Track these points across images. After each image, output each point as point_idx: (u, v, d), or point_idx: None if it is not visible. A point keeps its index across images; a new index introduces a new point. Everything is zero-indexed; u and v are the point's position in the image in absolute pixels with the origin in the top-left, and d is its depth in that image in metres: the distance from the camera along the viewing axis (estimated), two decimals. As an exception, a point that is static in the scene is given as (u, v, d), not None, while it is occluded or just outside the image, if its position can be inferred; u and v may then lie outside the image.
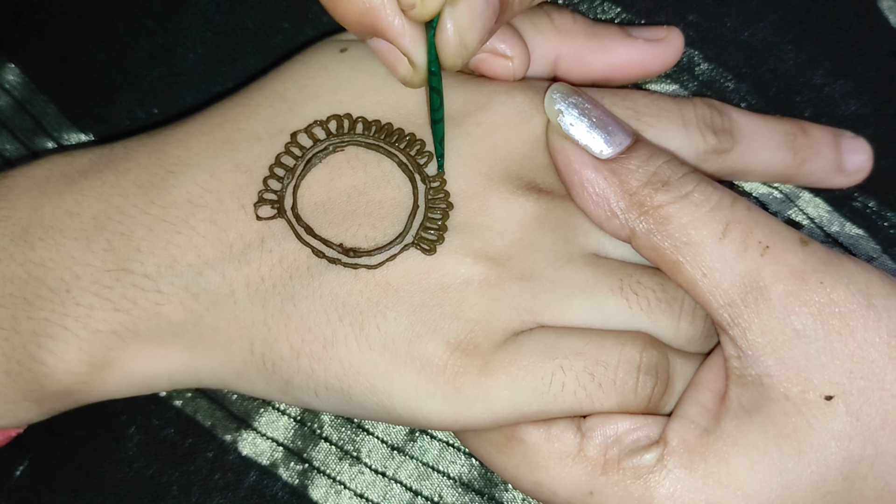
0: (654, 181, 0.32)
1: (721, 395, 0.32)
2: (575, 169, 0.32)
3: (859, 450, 0.30)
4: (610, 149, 0.32)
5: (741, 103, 0.37)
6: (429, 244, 0.32)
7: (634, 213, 0.32)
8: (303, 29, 0.39)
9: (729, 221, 0.31)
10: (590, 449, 0.32)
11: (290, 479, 0.37)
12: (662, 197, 0.32)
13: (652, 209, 0.32)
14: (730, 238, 0.31)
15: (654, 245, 0.32)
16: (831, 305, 0.30)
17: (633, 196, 0.32)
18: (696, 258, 0.31)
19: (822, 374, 0.30)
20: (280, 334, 0.32)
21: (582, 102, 0.33)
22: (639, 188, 0.32)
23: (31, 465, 0.37)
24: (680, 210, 0.32)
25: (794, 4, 0.37)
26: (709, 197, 0.32)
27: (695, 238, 0.31)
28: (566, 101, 0.33)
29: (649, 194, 0.32)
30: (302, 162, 0.33)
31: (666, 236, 0.32)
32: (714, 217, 0.31)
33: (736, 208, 0.32)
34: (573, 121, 0.33)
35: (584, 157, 0.32)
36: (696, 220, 0.31)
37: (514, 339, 0.32)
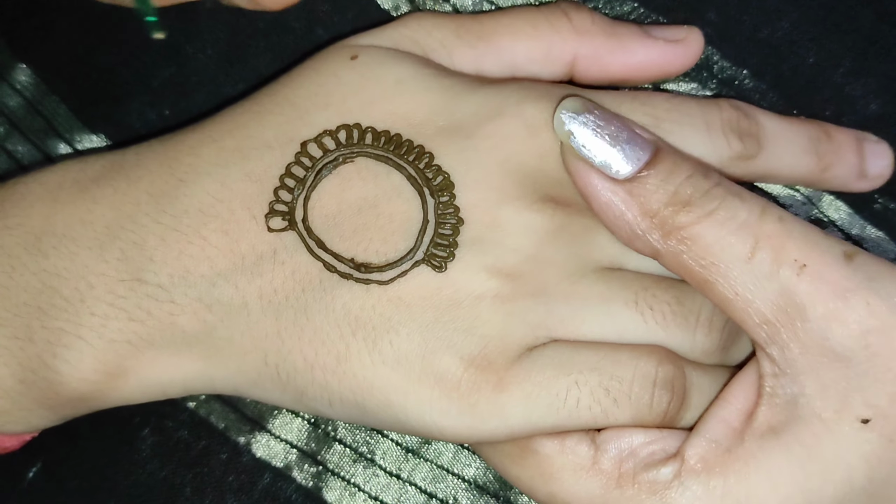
0: (676, 201, 0.31)
1: (748, 413, 0.31)
2: (592, 192, 0.31)
3: (887, 470, 0.30)
4: (627, 167, 0.31)
5: (761, 102, 0.37)
6: (439, 261, 0.32)
7: (657, 234, 0.31)
8: (313, 29, 0.38)
9: (758, 238, 0.30)
10: (604, 462, 0.31)
11: (304, 482, 0.37)
12: (685, 217, 0.31)
13: (675, 230, 0.31)
14: (759, 257, 0.30)
15: (681, 264, 0.31)
16: (877, 328, 0.29)
17: (654, 217, 0.31)
18: (726, 279, 0.30)
19: (862, 396, 0.29)
20: (294, 347, 0.32)
21: (593, 120, 0.32)
22: (659, 209, 0.31)
23: (43, 467, 0.38)
24: (704, 230, 0.30)
25: (815, 2, 0.37)
26: (735, 214, 0.30)
27: (722, 259, 0.30)
28: (577, 119, 0.32)
29: (671, 215, 0.31)
30: (312, 173, 0.33)
31: (692, 257, 0.31)
32: (741, 235, 0.30)
33: (765, 222, 0.30)
34: (585, 141, 0.31)
35: (601, 179, 0.31)
36: (722, 241, 0.30)
37: (529, 355, 0.32)
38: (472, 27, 0.36)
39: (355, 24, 0.38)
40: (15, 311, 0.33)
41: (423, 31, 0.35)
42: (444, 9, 0.38)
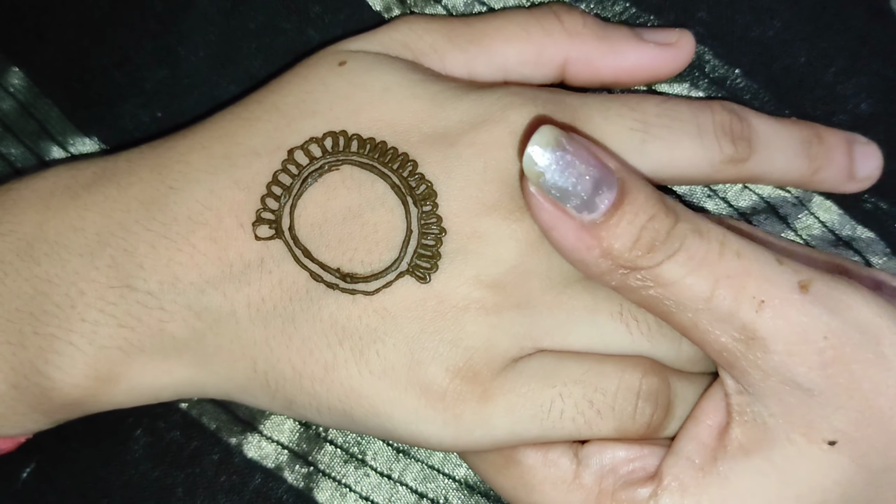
0: (639, 246, 0.30)
1: (720, 429, 0.31)
2: (555, 231, 0.31)
3: (859, 492, 0.30)
4: (592, 214, 0.30)
5: (752, 102, 0.37)
6: (423, 272, 0.32)
7: (618, 274, 0.31)
8: (304, 30, 0.38)
9: (717, 277, 0.30)
10: (585, 477, 0.32)
11: (295, 482, 0.37)
12: (646, 261, 0.30)
13: (636, 270, 0.30)
14: (720, 297, 0.30)
15: (641, 299, 0.31)
16: (836, 361, 0.29)
17: (617, 259, 0.30)
18: (687, 315, 0.30)
19: (827, 422, 0.30)
20: (282, 355, 0.32)
21: (561, 158, 0.30)
22: (621, 252, 0.30)
23: (37, 468, 0.38)
24: (666, 272, 0.30)
25: (807, 1, 0.37)
26: (694, 254, 0.30)
27: (682, 298, 0.30)
28: (545, 157, 0.30)
29: (633, 259, 0.30)
30: (298, 181, 0.33)
31: (654, 294, 0.30)
32: (701, 275, 0.30)
33: (724, 259, 0.30)
34: (554, 179, 0.30)
35: (564, 220, 0.30)
36: (683, 280, 0.30)
37: (514, 366, 0.32)
38: (462, 31, 0.36)
39: (347, 25, 0.38)
40: (7, 316, 0.33)
41: (413, 35, 0.35)
42: (435, 10, 0.38)
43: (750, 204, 0.37)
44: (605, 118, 0.33)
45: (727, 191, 0.37)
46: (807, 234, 0.37)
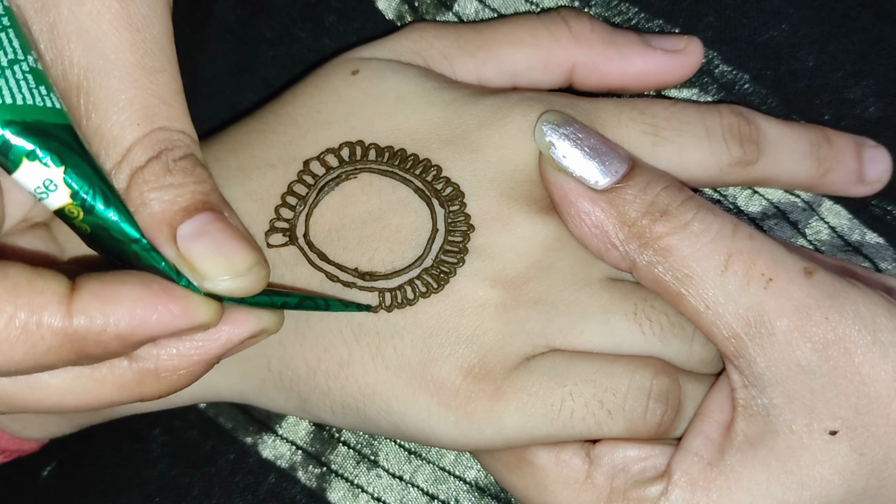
0: (653, 211, 0.31)
1: (726, 425, 0.32)
2: (571, 201, 0.32)
3: (862, 483, 0.30)
4: (606, 179, 0.32)
5: (761, 106, 0.37)
6: (449, 267, 0.32)
7: (634, 245, 0.32)
8: (319, 38, 0.39)
9: (731, 252, 0.31)
10: (597, 476, 0.32)
11: (308, 483, 0.37)
12: (661, 227, 0.31)
13: (652, 240, 0.31)
14: (732, 270, 0.31)
15: (655, 277, 0.32)
16: (836, 342, 0.30)
17: (632, 227, 0.31)
18: (699, 291, 0.31)
19: (827, 408, 0.30)
20: (296, 353, 0.33)
21: (574, 132, 0.32)
22: (637, 219, 0.31)
23: (58, 466, 0.39)
24: (680, 241, 0.31)
25: (814, 4, 0.37)
26: (709, 226, 0.31)
27: (696, 270, 0.31)
28: (558, 132, 0.32)
29: (648, 225, 0.31)
30: (314, 190, 0.33)
31: (667, 268, 0.31)
32: (715, 248, 0.31)
33: (737, 237, 0.31)
34: (566, 152, 0.32)
35: (579, 189, 0.32)
36: (697, 252, 0.31)
37: (526, 365, 0.32)
38: (472, 37, 0.36)
39: (361, 34, 0.39)
40: None
41: (424, 42, 0.36)
42: (446, 17, 0.38)
43: (760, 209, 0.37)
44: (617, 122, 0.34)
45: (737, 196, 0.37)
46: (816, 240, 0.37)
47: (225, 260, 0.27)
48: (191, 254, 0.26)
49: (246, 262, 0.27)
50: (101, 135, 0.27)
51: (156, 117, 0.27)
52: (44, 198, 0.26)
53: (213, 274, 0.27)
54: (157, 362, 0.28)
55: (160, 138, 0.27)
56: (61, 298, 0.25)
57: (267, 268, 0.28)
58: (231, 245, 0.27)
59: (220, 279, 0.27)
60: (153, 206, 0.26)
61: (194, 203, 0.27)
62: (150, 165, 0.27)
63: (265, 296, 0.29)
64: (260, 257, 0.27)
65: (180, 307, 0.26)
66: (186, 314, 0.26)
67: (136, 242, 0.27)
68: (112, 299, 0.26)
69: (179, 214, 0.27)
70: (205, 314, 0.27)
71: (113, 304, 0.26)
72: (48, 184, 0.26)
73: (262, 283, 0.27)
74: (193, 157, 0.28)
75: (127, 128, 0.27)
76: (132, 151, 0.27)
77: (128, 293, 0.26)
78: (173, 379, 0.28)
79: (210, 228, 0.27)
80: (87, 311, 0.25)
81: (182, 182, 0.27)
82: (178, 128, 0.28)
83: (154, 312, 0.26)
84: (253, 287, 0.27)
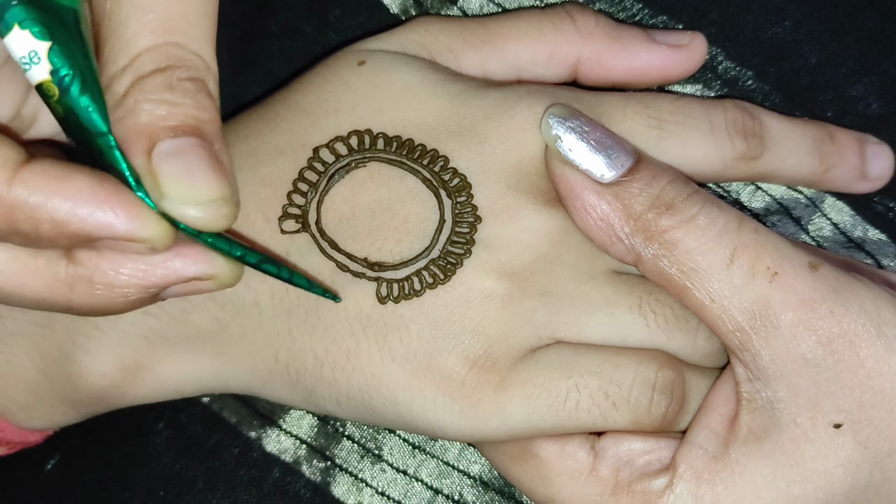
0: (659, 204, 0.32)
1: (731, 418, 0.32)
2: (577, 194, 0.32)
3: (866, 476, 0.30)
4: (612, 172, 0.32)
5: (764, 102, 0.37)
6: (456, 258, 0.33)
7: (640, 238, 0.32)
8: (325, 32, 0.39)
9: (736, 246, 0.31)
10: (602, 469, 0.32)
11: (312, 477, 0.37)
12: (667, 221, 0.31)
13: (657, 234, 0.31)
14: (737, 264, 0.31)
15: (660, 270, 0.32)
16: (841, 335, 0.30)
17: (638, 220, 0.32)
18: (704, 284, 0.31)
19: (832, 402, 0.30)
20: (304, 344, 0.33)
21: (580, 125, 0.32)
22: (643, 212, 0.32)
23: (62, 459, 0.39)
24: (686, 235, 0.31)
25: (817, 2, 0.37)
26: (714, 220, 0.31)
27: (702, 264, 0.31)
28: (564, 125, 0.32)
29: (654, 218, 0.32)
30: (325, 177, 0.33)
31: (672, 262, 0.31)
32: (721, 242, 0.31)
33: (743, 231, 0.31)
34: (572, 145, 0.32)
35: (585, 182, 0.32)
36: (703, 246, 0.31)
37: (532, 356, 0.32)
38: (477, 31, 0.36)
39: (366, 28, 0.39)
40: None
41: (429, 35, 0.36)
42: (451, 11, 0.38)
43: (763, 205, 0.38)
44: (622, 115, 0.34)
45: (741, 192, 0.38)
46: (819, 236, 0.38)
47: (190, 184, 0.25)
48: (159, 169, 0.25)
49: (211, 193, 0.25)
50: (116, 35, 0.26)
51: (172, 31, 0.26)
52: (27, 69, 0.25)
53: (172, 194, 0.25)
54: (95, 272, 0.26)
55: (171, 53, 0.26)
56: (7, 164, 0.25)
57: (234, 210, 0.26)
58: (203, 173, 0.25)
59: (178, 201, 0.25)
60: (141, 116, 0.25)
61: (184, 125, 0.26)
62: (153, 76, 0.26)
63: (225, 242, 0.28)
64: (231, 196, 0.26)
65: (126, 212, 0.25)
66: (129, 221, 0.25)
67: (103, 136, 0.26)
68: (58, 181, 0.25)
69: (164, 131, 0.25)
70: (151, 229, 0.25)
71: (57, 186, 0.25)
72: (33, 55, 0.25)
73: (221, 222, 0.26)
74: (201, 81, 0.26)
75: (140, 34, 0.26)
76: (139, 58, 0.26)
77: (77, 181, 0.25)
78: (106, 296, 0.27)
79: (190, 153, 0.25)
80: (30, 184, 0.25)
81: (179, 102, 0.26)
82: (194, 49, 0.27)
83: (97, 208, 0.25)
84: (211, 221, 0.26)
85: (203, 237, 0.27)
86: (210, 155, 0.26)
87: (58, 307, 0.27)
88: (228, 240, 0.28)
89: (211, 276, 0.27)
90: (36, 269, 0.27)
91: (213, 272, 0.27)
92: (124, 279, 0.27)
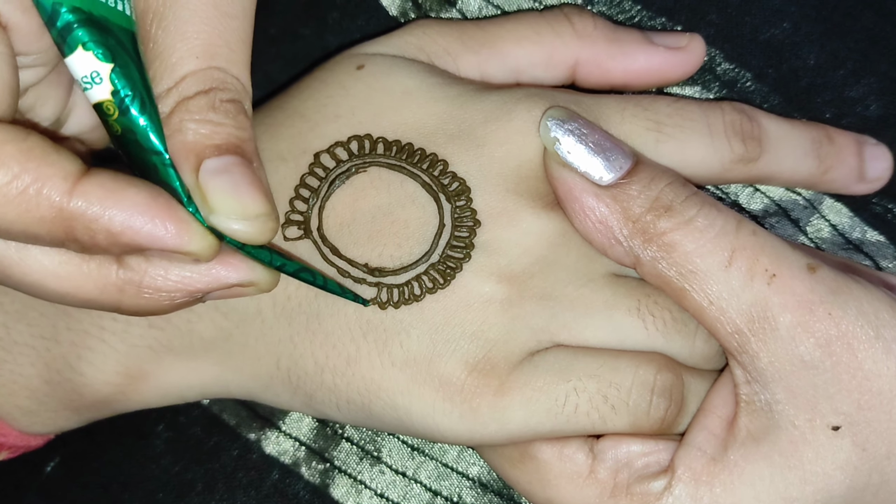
0: (657, 206, 0.32)
1: (729, 420, 0.32)
2: (575, 197, 0.32)
3: (864, 479, 0.31)
4: (610, 174, 0.32)
5: (763, 104, 0.37)
6: (455, 262, 0.33)
7: (638, 241, 0.32)
8: (323, 35, 0.39)
9: (734, 248, 0.31)
10: (601, 471, 0.32)
11: (311, 479, 0.37)
12: (666, 223, 0.31)
13: (656, 236, 0.31)
14: (736, 266, 0.31)
15: (659, 272, 0.32)
16: (839, 337, 0.30)
17: (636, 223, 0.32)
18: (703, 286, 0.31)
19: (830, 404, 0.30)
20: (305, 351, 0.33)
21: (578, 128, 0.32)
22: (641, 214, 0.32)
23: (61, 461, 0.39)
24: (684, 237, 0.31)
25: (816, 3, 0.37)
26: (713, 222, 0.31)
27: (700, 266, 0.31)
28: (562, 127, 0.32)
29: (652, 221, 0.32)
30: (325, 183, 0.33)
31: (671, 264, 0.31)
32: (719, 244, 0.31)
33: (741, 233, 0.31)
34: (570, 147, 0.32)
35: (583, 185, 0.32)
36: (701, 248, 0.31)
37: (531, 360, 0.32)
38: (475, 34, 0.36)
39: (364, 31, 0.39)
40: (42, 310, 0.34)
41: (427, 38, 0.36)
42: (449, 13, 0.38)
43: (762, 207, 0.37)
44: (620, 118, 0.34)
45: (739, 194, 0.37)
46: (817, 238, 0.37)
47: (237, 200, 0.27)
48: (207, 186, 0.27)
49: (256, 209, 0.27)
50: (161, 59, 0.27)
51: (216, 57, 0.28)
52: (87, 88, 0.27)
53: (221, 210, 0.27)
54: (144, 277, 0.28)
55: (214, 76, 0.28)
56: (68, 177, 0.26)
57: (276, 224, 0.28)
58: (247, 190, 0.27)
59: (226, 217, 0.27)
60: (188, 135, 0.27)
61: (227, 144, 0.27)
62: (198, 98, 0.27)
63: (266, 253, 0.29)
64: (272, 211, 0.28)
65: (176, 227, 0.26)
66: (179, 235, 0.27)
67: (158, 155, 0.27)
68: (115, 195, 0.26)
69: (210, 149, 0.27)
70: (198, 244, 0.27)
71: (114, 199, 0.26)
72: (94, 76, 0.26)
73: (266, 235, 0.28)
74: (240, 104, 0.28)
75: (186, 58, 0.27)
76: (185, 80, 0.27)
77: (132, 196, 0.26)
78: (154, 299, 0.28)
79: (234, 170, 0.27)
80: (88, 196, 0.26)
81: (222, 122, 0.27)
82: (235, 73, 0.28)
83: (149, 222, 0.26)
84: (256, 235, 0.27)
85: (246, 249, 0.28)
86: (252, 172, 0.27)
87: (107, 308, 0.29)
88: (269, 250, 0.29)
89: (252, 282, 0.29)
90: (89, 272, 0.28)
91: (253, 279, 0.29)
92: (171, 284, 0.28)
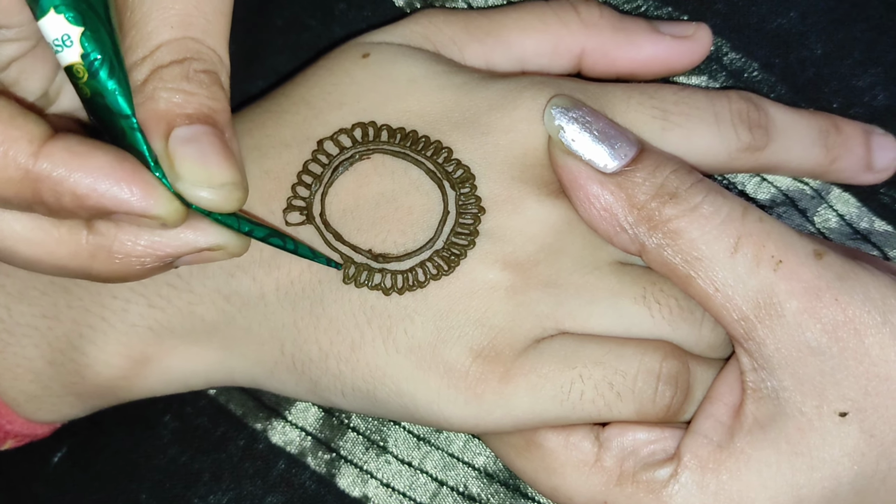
0: (662, 193, 0.32)
1: (736, 408, 0.32)
2: (580, 185, 0.32)
3: (872, 465, 0.30)
4: (615, 162, 0.32)
5: (770, 94, 0.37)
6: (460, 249, 0.33)
7: (643, 228, 0.32)
8: (329, 26, 0.39)
9: (740, 235, 0.31)
10: (607, 459, 0.32)
11: (317, 468, 0.38)
12: (671, 210, 0.31)
13: (661, 223, 0.31)
14: (742, 252, 0.31)
15: (664, 260, 0.32)
16: (846, 323, 0.30)
17: (642, 210, 0.32)
18: (708, 273, 0.31)
19: (837, 390, 0.30)
20: (309, 336, 0.33)
21: (583, 116, 0.32)
22: (646, 202, 0.32)
23: (68, 452, 0.39)
24: (690, 224, 0.31)
25: (823, -7, 0.37)
26: (718, 209, 0.31)
27: (706, 253, 0.31)
28: (566, 115, 0.32)
29: (657, 208, 0.31)
30: (329, 170, 0.33)
31: (677, 251, 0.31)
32: (725, 230, 0.31)
33: (747, 220, 0.31)
34: (575, 135, 0.32)
35: (588, 172, 0.32)
36: (707, 235, 0.31)
37: (536, 347, 0.32)
38: (481, 23, 0.36)
39: (370, 22, 0.39)
40: (42, 289, 0.34)
41: (433, 27, 0.36)
42: (456, 4, 0.38)
43: (769, 197, 0.37)
44: (626, 106, 0.34)
45: (746, 183, 0.37)
46: (825, 227, 0.37)
47: (204, 168, 0.27)
48: (175, 153, 0.27)
49: (223, 178, 0.27)
50: (137, 28, 0.28)
51: (191, 27, 0.28)
52: (59, 51, 0.27)
53: (188, 177, 0.27)
54: (114, 242, 0.28)
55: (189, 47, 0.28)
56: (34, 139, 0.26)
57: (243, 194, 0.28)
58: (215, 159, 0.27)
59: (192, 184, 0.27)
60: (159, 103, 0.27)
61: (198, 113, 0.27)
62: (171, 67, 0.27)
63: (233, 219, 0.29)
64: (241, 181, 0.28)
65: (142, 190, 0.27)
66: (145, 199, 0.27)
67: (126, 118, 0.27)
68: (81, 158, 0.26)
69: (180, 118, 0.27)
70: (164, 207, 0.27)
71: (79, 162, 0.26)
72: (65, 38, 0.27)
73: (232, 204, 0.28)
74: (215, 74, 0.28)
75: (161, 27, 0.28)
76: (160, 49, 0.27)
77: (98, 158, 0.26)
78: (125, 264, 0.28)
79: (203, 139, 0.27)
80: (54, 159, 0.26)
81: (195, 91, 0.27)
82: (210, 44, 0.28)
83: (115, 185, 0.26)
84: (222, 203, 0.27)
85: (213, 216, 0.29)
86: (222, 142, 0.27)
87: (79, 274, 0.29)
88: (237, 216, 0.29)
89: (221, 246, 0.29)
90: (59, 237, 0.28)
91: (222, 243, 0.29)
92: (140, 249, 0.28)
